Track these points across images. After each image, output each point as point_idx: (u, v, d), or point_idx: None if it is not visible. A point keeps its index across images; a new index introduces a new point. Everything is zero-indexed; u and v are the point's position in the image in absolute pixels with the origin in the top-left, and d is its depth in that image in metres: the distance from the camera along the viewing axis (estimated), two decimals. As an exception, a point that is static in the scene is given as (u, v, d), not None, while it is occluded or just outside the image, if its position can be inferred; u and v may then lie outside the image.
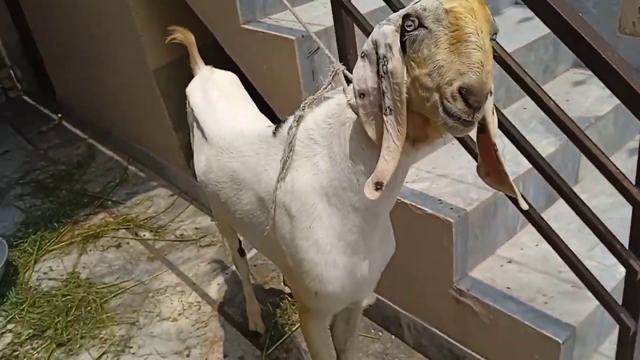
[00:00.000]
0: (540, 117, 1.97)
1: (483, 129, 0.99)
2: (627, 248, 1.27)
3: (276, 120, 1.40)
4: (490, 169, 1.05)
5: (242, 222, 1.43)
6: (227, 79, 1.81)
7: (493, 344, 1.70)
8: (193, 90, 1.79)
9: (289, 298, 2.31)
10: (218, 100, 1.65)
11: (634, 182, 1.20)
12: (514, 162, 1.79)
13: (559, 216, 1.88)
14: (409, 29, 0.88)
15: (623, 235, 1.30)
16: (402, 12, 0.92)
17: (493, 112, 0.99)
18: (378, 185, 0.97)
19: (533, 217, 1.49)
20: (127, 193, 3.28)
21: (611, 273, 1.64)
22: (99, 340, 2.26)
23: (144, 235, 2.88)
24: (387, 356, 2.00)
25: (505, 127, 1.45)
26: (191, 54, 1.92)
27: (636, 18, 2.26)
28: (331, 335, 1.55)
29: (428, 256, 1.76)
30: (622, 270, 1.33)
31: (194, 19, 2.26)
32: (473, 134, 0.99)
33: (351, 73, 1.03)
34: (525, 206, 1.09)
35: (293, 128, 1.18)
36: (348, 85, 1.09)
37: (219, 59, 2.12)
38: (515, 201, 1.50)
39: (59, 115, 4.42)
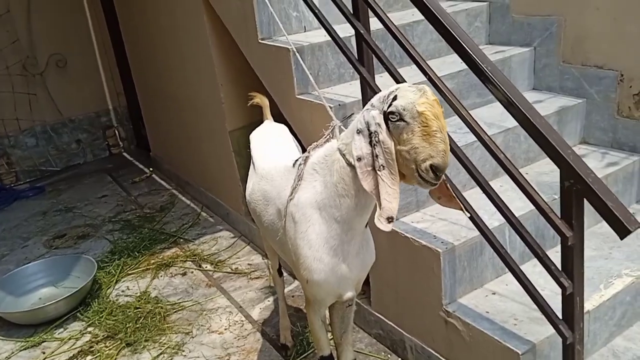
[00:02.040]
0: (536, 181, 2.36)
1: None
2: (559, 269, 1.61)
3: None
4: (442, 194, 1.51)
5: (268, 229, 1.92)
6: (279, 128, 2.40)
7: (473, 359, 2.01)
8: (254, 136, 2.38)
9: (316, 322, 2.70)
10: (268, 143, 2.21)
11: (559, 216, 1.57)
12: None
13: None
14: (393, 120, 1.37)
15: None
16: (381, 99, 1.41)
17: None
18: (389, 219, 1.41)
19: (501, 254, 1.85)
20: (197, 233, 3.86)
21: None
22: (159, 344, 2.74)
23: (206, 267, 3.40)
24: (392, 374, 2.34)
25: (487, 190, 1.84)
26: (264, 111, 2.54)
27: (631, 103, 2.64)
28: (331, 329, 1.95)
29: (424, 282, 2.14)
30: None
31: (263, 92, 2.85)
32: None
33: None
34: (468, 215, 1.50)
35: (301, 165, 1.68)
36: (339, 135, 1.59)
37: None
38: (495, 247, 1.88)
39: (150, 169, 5.20)
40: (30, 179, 5.42)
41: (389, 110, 1.37)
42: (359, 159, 1.43)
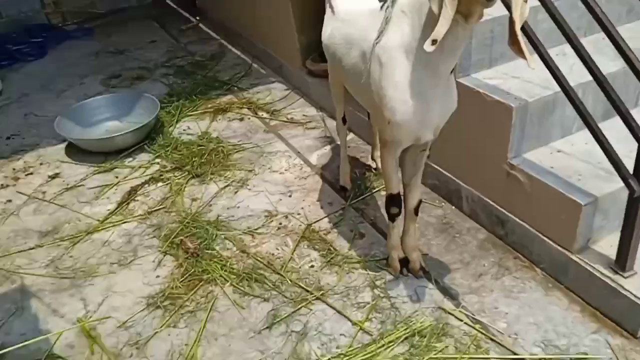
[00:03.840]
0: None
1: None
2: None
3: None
4: (514, 40, 1.51)
5: (349, 72, 1.98)
6: None
7: (531, 208, 2.16)
8: None
9: (372, 170, 2.86)
10: None
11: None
12: (579, 74, 2.17)
13: (615, 127, 2.21)
14: None
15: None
16: None
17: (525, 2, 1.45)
18: (434, 42, 1.46)
19: (580, 110, 1.90)
20: (251, 83, 3.93)
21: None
22: (224, 177, 2.93)
23: (262, 115, 3.52)
24: (445, 218, 2.52)
25: (576, 45, 1.84)
26: None
27: None
28: (401, 172, 2.08)
29: (491, 136, 2.22)
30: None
31: None
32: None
33: None
34: (533, 66, 1.52)
35: (389, 7, 1.70)
36: None
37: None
38: (575, 104, 1.91)
39: (197, 17, 5.14)
40: (77, 20, 5.40)
41: None
42: None
